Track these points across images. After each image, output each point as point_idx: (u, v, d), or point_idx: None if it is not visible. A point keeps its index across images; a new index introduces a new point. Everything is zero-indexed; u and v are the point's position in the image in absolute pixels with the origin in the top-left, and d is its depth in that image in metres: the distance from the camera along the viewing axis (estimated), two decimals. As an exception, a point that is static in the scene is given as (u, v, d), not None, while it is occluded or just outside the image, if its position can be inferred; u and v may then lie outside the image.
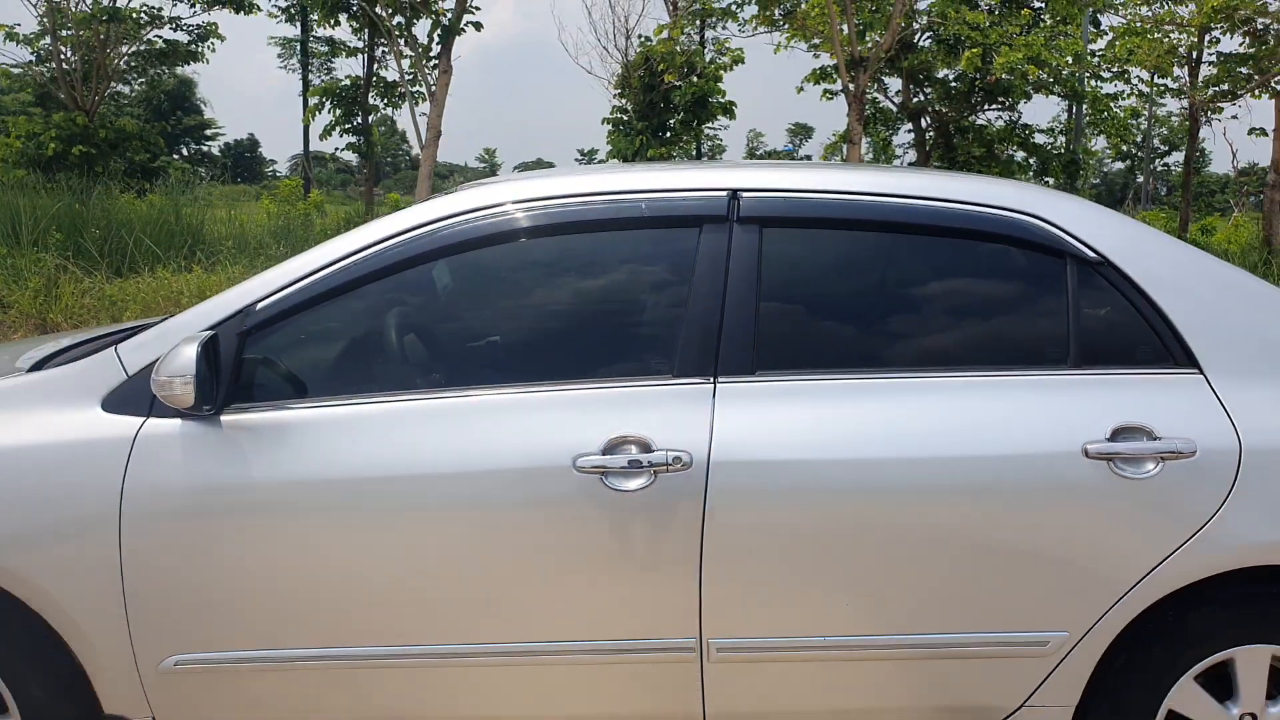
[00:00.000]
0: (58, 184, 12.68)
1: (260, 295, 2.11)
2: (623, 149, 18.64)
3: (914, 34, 18.90)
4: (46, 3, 15.04)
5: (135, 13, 15.37)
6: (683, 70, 18.28)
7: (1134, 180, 36.58)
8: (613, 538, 2.02)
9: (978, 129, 19.67)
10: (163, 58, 16.91)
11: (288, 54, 31.48)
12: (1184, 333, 2.14)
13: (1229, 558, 2.05)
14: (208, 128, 54.29)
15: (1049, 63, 16.42)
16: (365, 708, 2.08)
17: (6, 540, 1.98)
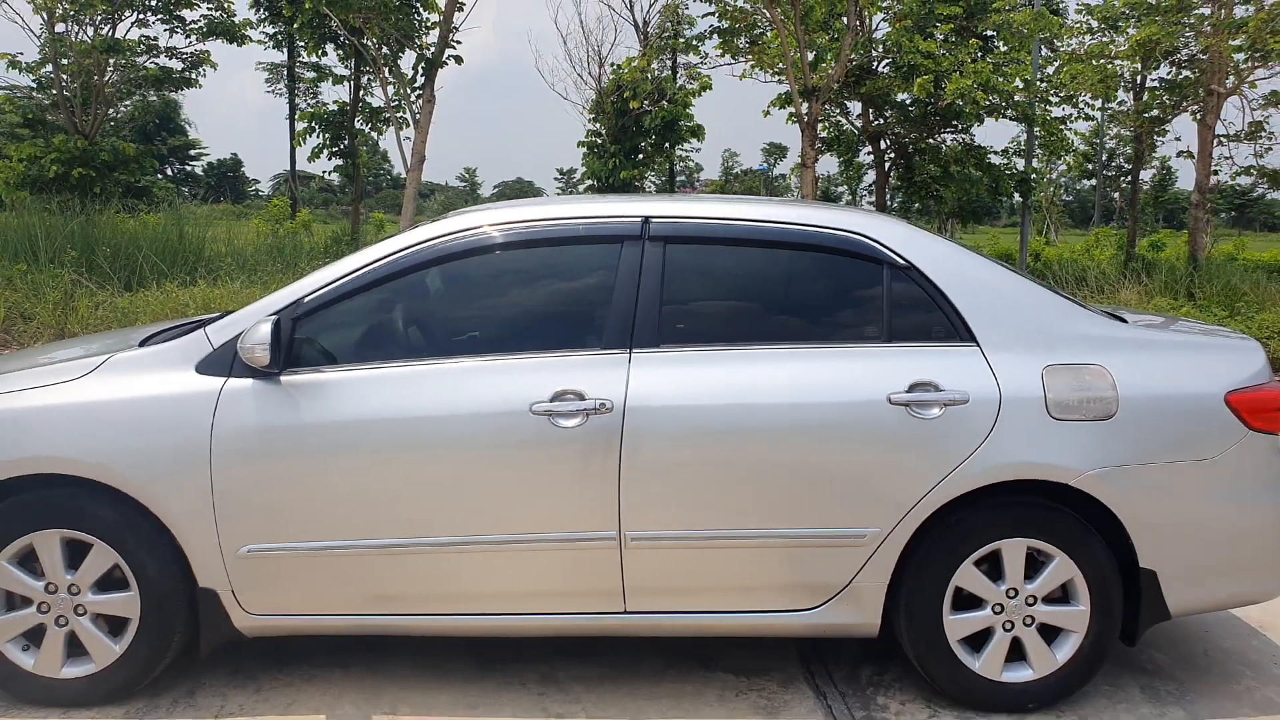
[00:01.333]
0: (58, 205, 13.39)
1: (306, 291, 2.97)
2: (597, 171, 19.47)
3: (872, 61, 19.93)
4: (49, 33, 15.82)
5: (133, 44, 16.14)
6: (653, 96, 19.19)
7: (1107, 197, 37.82)
8: (557, 461, 2.87)
9: (934, 150, 20.62)
10: (158, 84, 17.69)
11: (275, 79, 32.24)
12: (966, 317, 3.02)
13: (993, 474, 2.92)
14: (192, 148, 54.99)
15: (998, 88, 17.43)
16: (381, 583, 2.92)
17: (133, 463, 2.81)
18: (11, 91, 17.74)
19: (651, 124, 19.47)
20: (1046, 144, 20.86)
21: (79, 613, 2.88)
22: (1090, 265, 17.89)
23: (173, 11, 16.50)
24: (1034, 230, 44.62)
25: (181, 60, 17.45)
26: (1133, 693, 3.19)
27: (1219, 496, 3.00)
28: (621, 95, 17.86)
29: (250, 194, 68.74)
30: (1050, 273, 15.01)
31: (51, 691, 2.90)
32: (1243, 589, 3.15)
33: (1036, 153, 21.57)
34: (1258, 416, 3.02)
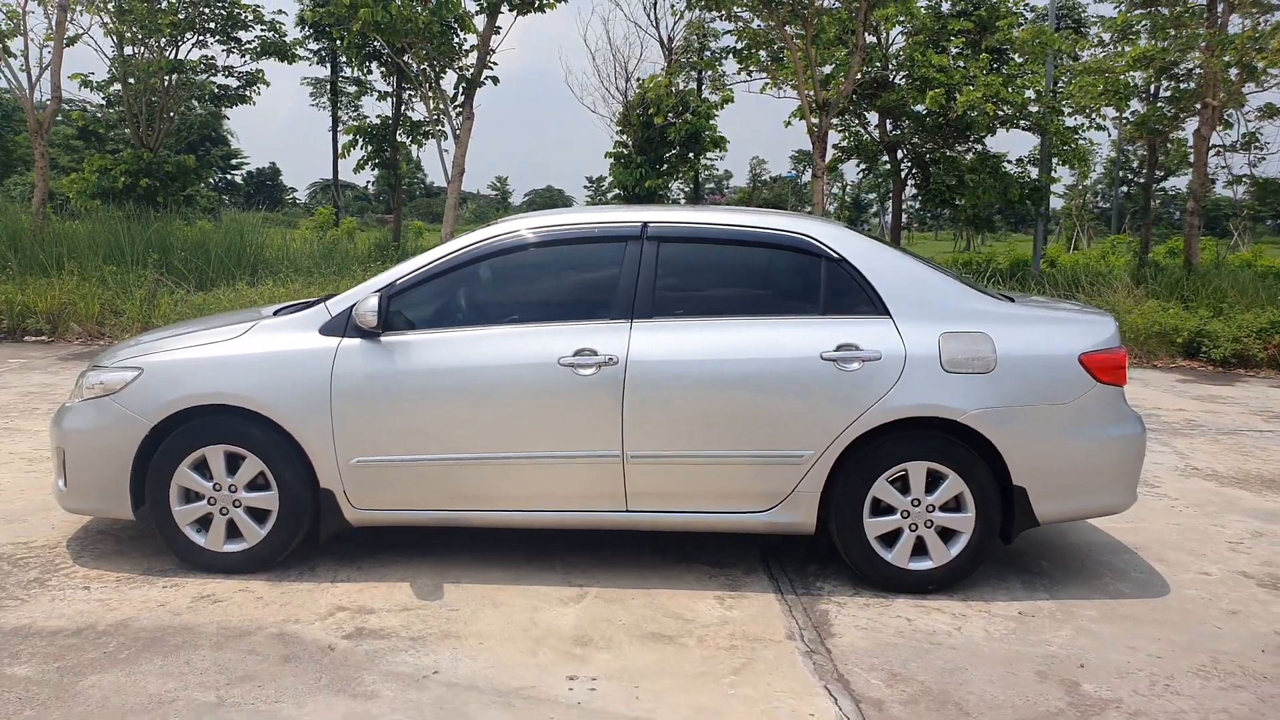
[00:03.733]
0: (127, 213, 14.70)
1: (398, 276, 4.09)
2: (624, 180, 20.53)
3: (889, 74, 20.89)
4: (119, 54, 17.21)
5: (194, 64, 17.51)
6: (677, 109, 20.26)
7: (1144, 203, 38.38)
8: (577, 399, 3.95)
9: (949, 160, 21.45)
10: (216, 100, 19.06)
11: (318, 93, 33.74)
12: (883, 296, 4.07)
13: (898, 412, 3.95)
14: (234, 157, 56.98)
15: (1009, 100, 18.30)
16: (451, 487, 4.01)
17: (276, 398, 3.92)
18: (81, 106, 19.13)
19: (676, 136, 20.44)
20: (1060, 153, 21.53)
21: (236, 506, 4.02)
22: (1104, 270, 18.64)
23: (230, 33, 17.84)
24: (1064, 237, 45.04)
25: (237, 78, 18.80)
26: (1014, 584, 4.21)
27: (1074, 432, 4.03)
28: (646, 109, 18.87)
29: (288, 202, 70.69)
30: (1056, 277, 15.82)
31: (216, 561, 4.04)
32: (1096, 502, 4.18)
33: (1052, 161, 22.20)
34: (1104, 372, 4.05)
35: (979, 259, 23.53)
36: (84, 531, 4.53)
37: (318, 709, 2.99)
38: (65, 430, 4.09)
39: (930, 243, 55.22)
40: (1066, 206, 47.58)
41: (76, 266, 11.10)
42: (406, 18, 11.89)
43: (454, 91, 13.45)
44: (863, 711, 3.09)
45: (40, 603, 3.73)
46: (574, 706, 3.06)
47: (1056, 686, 3.29)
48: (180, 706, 2.98)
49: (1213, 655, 3.56)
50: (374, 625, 3.61)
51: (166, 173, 17.77)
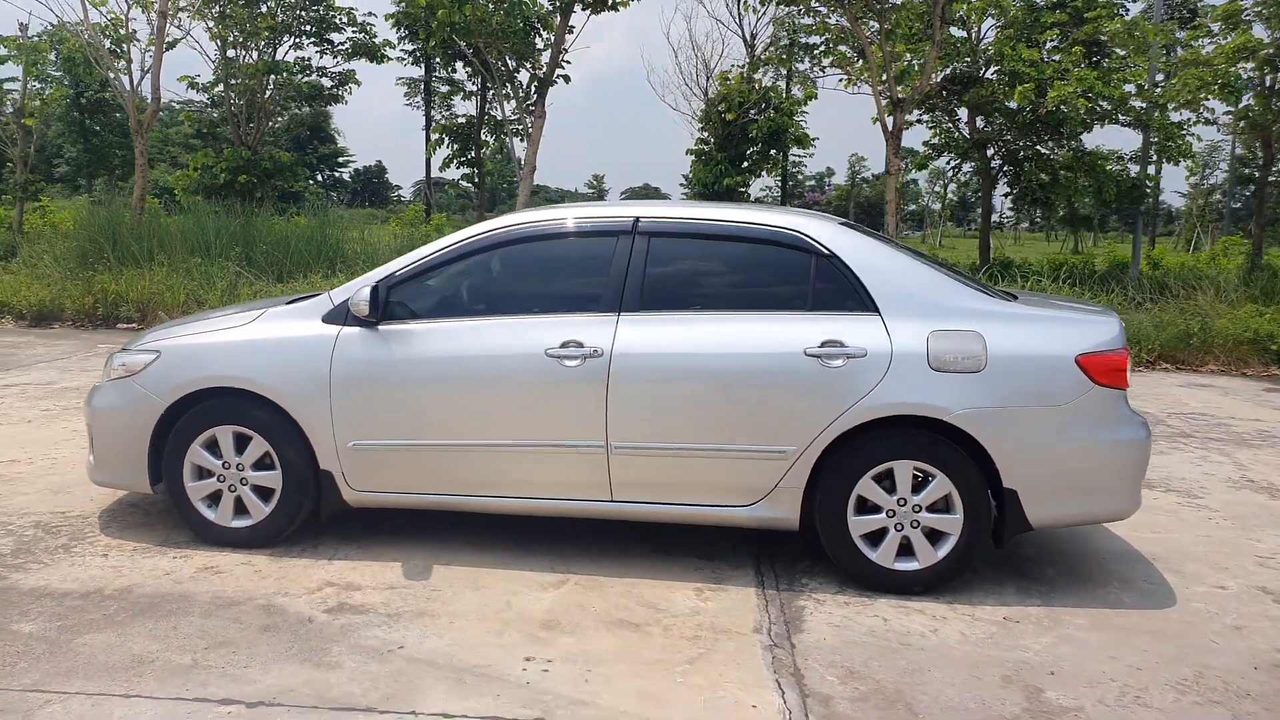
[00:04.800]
0: (225, 208, 15.46)
1: (398, 268, 4.25)
2: (703, 178, 20.53)
3: (979, 68, 20.33)
4: (222, 57, 18.10)
5: (290, 65, 18.28)
6: (759, 105, 20.14)
7: (1258, 202, 36.46)
8: (563, 390, 4.04)
9: (1042, 157, 20.76)
10: (310, 100, 19.86)
11: (413, 92, 34.72)
12: (872, 293, 4.04)
13: (882, 410, 3.92)
14: (340, 155, 59.14)
15: (1105, 95, 17.60)
16: (443, 472, 4.15)
17: (280, 382, 4.13)
18: (189, 107, 20.18)
19: (757, 133, 20.31)
20: (1165, 150, 20.64)
21: (243, 483, 4.25)
22: (1211, 274, 17.80)
23: (323, 35, 18.56)
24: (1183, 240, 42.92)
25: (330, 78, 19.54)
26: (1009, 589, 4.13)
27: (1069, 435, 3.92)
28: (732, 105, 18.81)
29: (393, 199, 72.93)
30: (1143, 281, 15.18)
31: (224, 535, 4.28)
32: (1093, 509, 4.06)
33: (1152, 158, 21.27)
34: (1102, 374, 3.93)
35: (1075, 261, 22.74)
36: (117, 505, 4.85)
37: (281, 675, 3.16)
38: (93, 409, 4.40)
39: (1038, 244, 53.34)
40: (1187, 206, 45.38)
41: (166, 258, 11.77)
42: (482, 18, 12.18)
43: (525, 90, 13.70)
44: (807, 706, 3.09)
45: (60, 567, 4.02)
46: (522, 686, 3.16)
47: (1018, 692, 3.23)
48: (157, 666, 3.19)
49: (1199, 669, 3.43)
50: (356, 601, 3.78)
51: (264, 169, 18.60)
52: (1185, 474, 6.17)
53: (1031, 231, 67.45)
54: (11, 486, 5.11)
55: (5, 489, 5.06)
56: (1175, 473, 6.20)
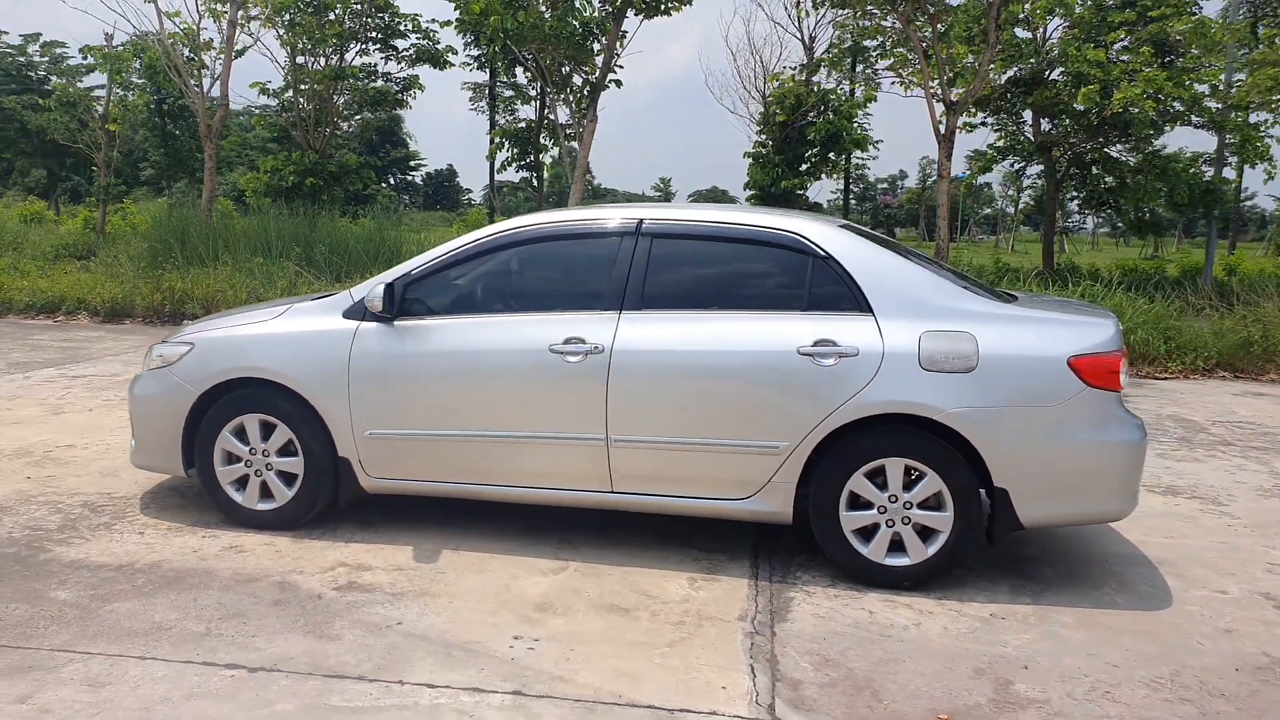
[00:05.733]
0: (293, 209, 16.02)
1: (414, 267, 4.48)
2: (760, 181, 20.55)
3: (1045, 69, 19.99)
4: (291, 63, 18.74)
5: (356, 70, 18.84)
6: (817, 108, 20.09)
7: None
8: (566, 384, 4.22)
9: (1111, 160, 20.32)
10: (375, 105, 20.41)
11: (478, 97, 35.40)
12: (867, 294, 4.14)
13: (872, 408, 4.01)
14: (412, 159, 60.46)
15: (1176, 96, 17.17)
16: (454, 460, 4.36)
17: (302, 373, 4.39)
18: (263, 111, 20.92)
19: (815, 135, 20.26)
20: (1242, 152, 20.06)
21: (268, 469, 4.52)
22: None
23: (388, 41, 19.09)
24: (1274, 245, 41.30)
25: (395, 84, 20.07)
26: (1002, 587, 4.18)
27: (1060, 435, 3.96)
28: (784, 107, 18.82)
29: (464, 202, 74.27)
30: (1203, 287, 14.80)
31: (250, 518, 4.56)
32: (1086, 509, 4.09)
33: (1229, 161, 20.65)
34: (1094, 376, 3.97)
35: (1147, 266, 22.20)
36: (158, 488, 5.18)
37: (284, 645, 3.40)
38: (134, 396, 4.72)
39: (1117, 250, 51.85)
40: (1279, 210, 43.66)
41: (230, 258, 12.30)
42: (534, 23, 12.46)
43: (578, 94, 13.96)
44: (775, 689, 3.22)
45: (100, 542, 4.34)
46: (507, 662, 3.34)
47: (988, 683, 3.30)
48: (174, 633, 3.46)
49: (1177, 669, 3.46)
50: (365, 580, 4.01)
51: (330, 173, 19.18)
52: (1215, 481, 6.10)
53: (1112, 236, 65.58)
54: (66, 469, 5.48)
55: (60, 471, 5.44)
56: (1205, 480, 6.13)
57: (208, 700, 3.00)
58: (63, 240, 17.38)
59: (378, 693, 3.09)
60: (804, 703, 3.14)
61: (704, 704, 3.10)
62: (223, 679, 3.14)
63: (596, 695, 3.13)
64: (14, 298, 12.23)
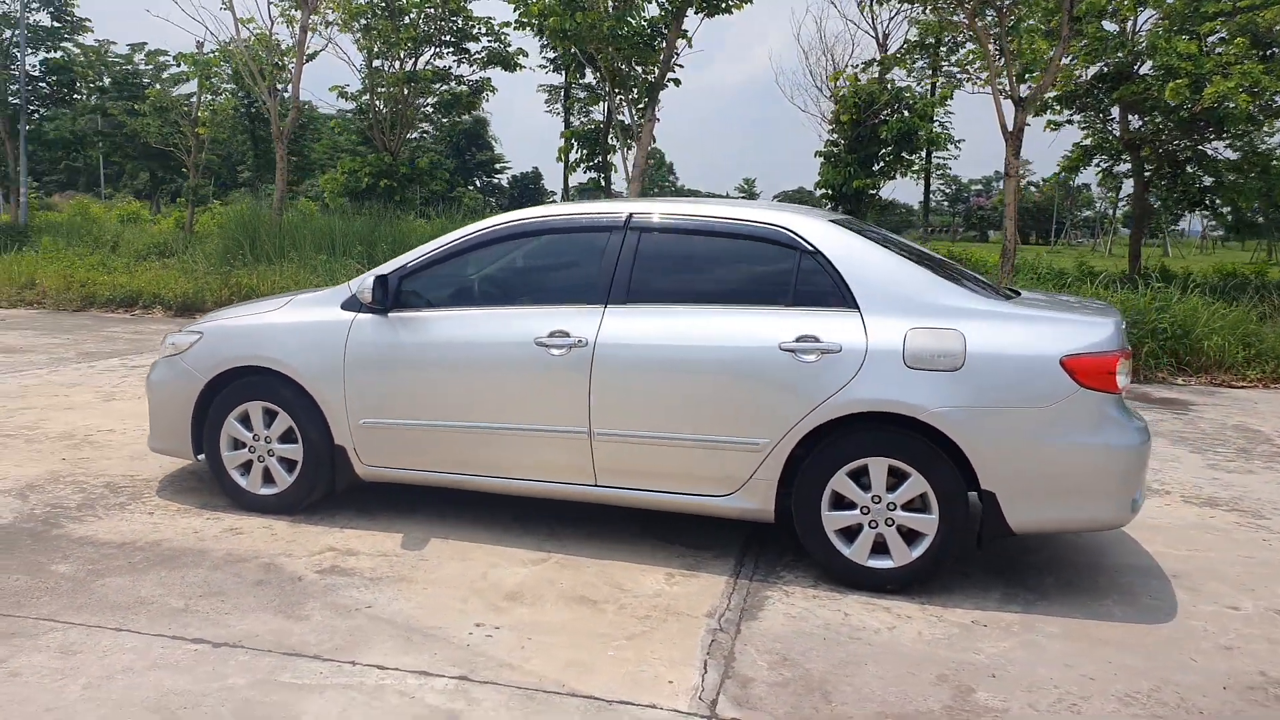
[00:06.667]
0: (368, 210, 16.47)
1: (409, 260, 4.57)
2: (832, 180, 20.26)
3: (1135, 63, 19.23)
4: (368, 67, 19.29)
5: (428, 74, 19.27)
6: (891, 106, 19.70)
7: None
8: (550, 377, 4.24)
9: (1205, 158, 19.47)
10: (449, 108, 20.85)
11: (553, 99, 35.81)
12: (853, 289, 4.06)
13: (854, 406, 3.93)
14: (497, 162, 61.49)
15: (1273, 90, 16.31)
16: (441, 450, 4.43)
17: (302, 362, 4.52)
18: (339, 116, 21.58)
19: (888, 134, 19.90)
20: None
21: (270, 455, 4.67)
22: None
23: (461, 45, 19.47)
24: None
25: (468, 86, 20.46)
26: (994, 594, 4.05)
27: (1051, 438, 3.82)
28: (847, 106, 18.54)
29: (549, 204, 75.22)
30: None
31: (253, 502, 4.71)
32: (1078, 515, 3.93)
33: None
34: (1089, 377, 3.81)
35: (1246, 270, 21.16)
36: (180, 472, 5.40)
37: (253, 623, 3.51)
38: (149, 382, 4.94)
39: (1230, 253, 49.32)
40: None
41: (297, 256, 12.73)
42: (593, 24, 12.55)
43: (635, 94, 14.00)
44: (723, 685, 3.18)
45: (110, 521, 4.55)
46: (462, 648, 3.38)
47: (947, 690, 3.21)
48: (154, 608, 3.60)
49: (1158, 684, 3.30)
50: (349, 565, 4.11)
51: (403, 175, 19.68)
52: (1263, 495, 5.79)
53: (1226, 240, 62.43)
54: (100, 452, 5.76)
55: (94, 454, 5.72)
56: (1252, 492, 5.82)
57: (166, 671, 3.12)
58: (154, 239, 18.22)
59: (329, 671, 3.17)
60: (749, 701, 3.10)
61: (645, 697, 3.08)
62: (186, 652, 3.26)
63: (540, 684, 3.14)
64: (98, 292, 12.90)
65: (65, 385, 7.83)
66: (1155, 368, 10.31)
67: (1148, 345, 10.32)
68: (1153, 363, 10.28)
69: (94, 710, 2.87)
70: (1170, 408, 8.60)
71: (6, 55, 21.37)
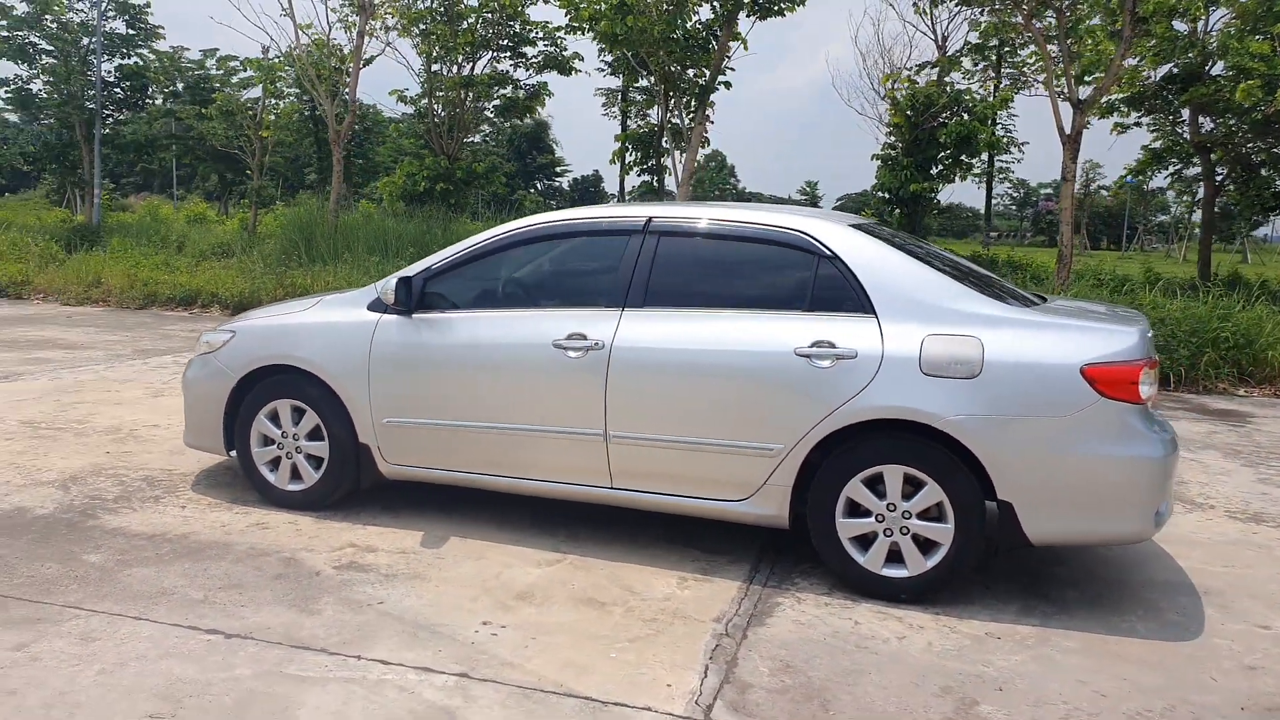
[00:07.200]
0: (424, 213, 16.71)
1: (434, 262, 4.64)
2: (888, 183, 20.00)
3: (1206, 63, 18.67)
4: (427, 72, 19.59)
5: (484, 78, 19.50)
6: (950, 109, 19.39)
7: None
8: (567, 379, 4.27)
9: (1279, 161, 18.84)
10: (506, 111, 21.07)
11: (611, 102, 35.94)
12: (870, 295, 4.01)
13: (869, 413, 3.88)
14: (557, 165, 61.98)
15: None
16: (462, 450, 4.49)
17: (328, 361, 4.63)
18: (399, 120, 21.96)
19: (946, 137, 19.59)
20: None
21: (298, 451, 4.78)
22: None
23: (518, 49, 19.66)
24: None
25: (525, 90, 20.65)
26: (1012, 606, 3.97)
27: (1070, 448, 3.73)
28: (899, 108, 18.30)
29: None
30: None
31: (282, 497, 4.83)
32: (1097, 528, 3.82)
33: None
34: (1110, 386, 3.72)
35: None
36: (216, 467, 5.56)
37: (269, 615, 3.59)
38: (185, 380, 5.09)
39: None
40: None
41: (351, 257, 12.99)
42: (642, 28, 12.58)
43: (686, 98, 14.00)
44: (721, 691, 3.17)
45: (144, 513, 4.70)
46: (466, 645, 3.42)
47: (950, 703, 3.15)
48: (175, 599, 3.72)
49: (1173, 703, 3.20)
50: (366, 561, 4.18)
51: (460, 178, 19.93)
52: (1313, 510, 5.58)
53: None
54: (143, 446, 5.95)
55: (137, 448, 5.91)
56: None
57: (177, 660, 3.22)
58: (219, 240, 18.74)
59: (333, 665, 3.23)
60: (745, 706, 3.08)
61: (642, 699, 3.09)
62: (199, 642, 3.36)
63: (538, 683, 3.17)
64: (159, 291, 13.32)
65: (118, 381, 8.11)
66: (1215, 378, 9.98)
67: (1207, 355, 10.00)
68: (1212, 373, 9.95)
69: (104, 695, 2.98)
70: (1227, 419, 8.33)
71: (84, 62, 22.18)
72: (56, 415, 6.72)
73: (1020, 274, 18.06)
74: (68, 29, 21.97)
